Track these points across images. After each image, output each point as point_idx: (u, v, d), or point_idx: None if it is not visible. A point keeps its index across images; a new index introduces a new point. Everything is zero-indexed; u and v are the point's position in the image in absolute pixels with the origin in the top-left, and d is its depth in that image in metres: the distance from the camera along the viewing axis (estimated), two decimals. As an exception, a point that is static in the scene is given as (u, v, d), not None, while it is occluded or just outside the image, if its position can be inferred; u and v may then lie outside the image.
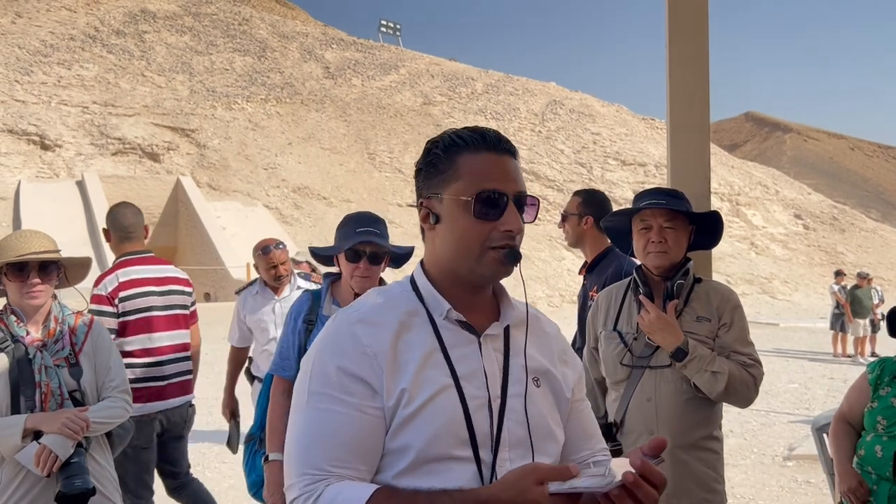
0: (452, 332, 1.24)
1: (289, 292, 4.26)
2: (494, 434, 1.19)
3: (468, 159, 1.23)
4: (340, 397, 1.15)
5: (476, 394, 1.20)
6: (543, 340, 1.35)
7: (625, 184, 31.62)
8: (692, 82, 2.73)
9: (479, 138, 1.24)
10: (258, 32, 40.23)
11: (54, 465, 2.19)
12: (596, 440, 1.40)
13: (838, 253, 30.95)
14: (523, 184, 1.26)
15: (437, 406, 1.16)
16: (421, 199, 1.28)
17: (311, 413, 1.17)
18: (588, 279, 3.22)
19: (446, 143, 1.25)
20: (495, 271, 1.23)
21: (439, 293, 1.26)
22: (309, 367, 1.21)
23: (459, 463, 1.16)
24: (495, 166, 1.23)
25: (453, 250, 1.23)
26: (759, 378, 2.29)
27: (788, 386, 10.27)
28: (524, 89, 39.16)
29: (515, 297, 1.35)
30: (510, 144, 1.27)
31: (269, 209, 27.31)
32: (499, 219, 1.21)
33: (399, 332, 1.20)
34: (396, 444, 1.16)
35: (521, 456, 1.21)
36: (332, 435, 1.14)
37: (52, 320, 2.41)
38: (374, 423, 1.16)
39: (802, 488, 5.65)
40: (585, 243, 3.25)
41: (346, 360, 1.17)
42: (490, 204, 1.21)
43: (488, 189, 1.20)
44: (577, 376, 1.38)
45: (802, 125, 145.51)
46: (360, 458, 1.15)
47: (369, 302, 1.27)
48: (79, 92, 31.32)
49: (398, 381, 1.17)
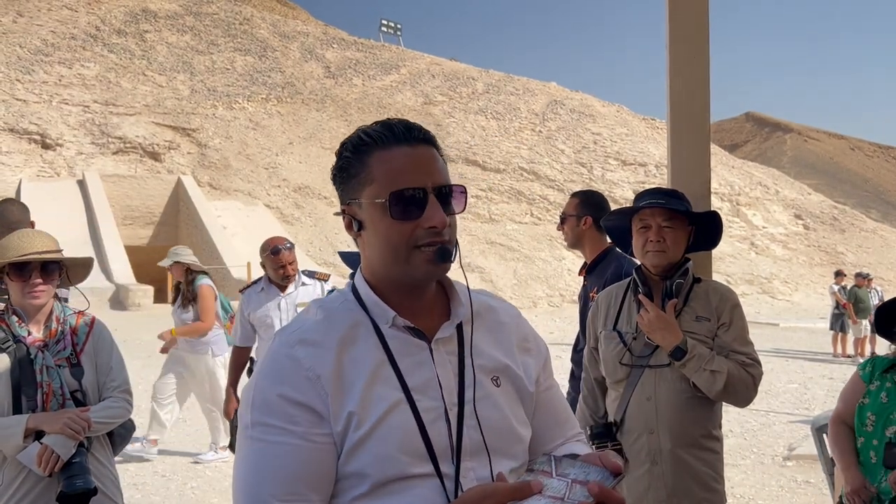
0: (400, 340, 1.16)
1: (293, 289, 4.33)
2: (454, 445, 1.13)
3: (379, 157, 1.14)
4: (285, 427, 1.07)
5: (431, 405, 1.13)
6: (500, 333, 1.26)
7: (625, 184, 31.60)
8: (692, 82, 2.74)
9: (387, 132, 1.15)
10: (259, 32, 40.22)
11: (56, 465, 2.20)
12: (569, 426, 1.33)
13: (838, 253, 30.93)
14: (444, 173, 1.17)
15: (389, 425, 1.09)
16: (343, 206, 1.20)
17: (255, 445, 1.09)
18: (588, 280, 3.23)
19: (355, 143, 1.17)
20: (427, 272, 1.14)
21: (382, 300, 1.17)
22: (250, 397, 1.12)
23: (421, 480, 1.10)
24: (408, 160, 1.14)
25: (381, 256, 1.16)
26: (759, 377, 2.30)
27: (788, 386, 10.27)
28: (525, 89, 39.14)
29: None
30: (423, 132, 1.17)
31: (270, 209, 27.31)
32: (420, 216, 1.12)
33: (342, 348, 1.13)
34: (350, 468, 1.09)
35: (484, 464, 1.14)
36: (279, 468, 1.07)
37: (53, 320, 2.41)
38: (323, 451, 1.09)
39: (802, 488, 5.65)
40: (584, 244, 3.25)
41: (288, 386, 1.09)
42: (407, 202, 1.12)
43: (402, 187, 1.12)
44: (540, 363, 1.29)
45: (803, 125, 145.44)
46: (312, 488, 1.08)
47: (309, 319, 1.18)
48: (80, 91, 31.31)
49: (345, 403, 1.09)
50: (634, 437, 2.33)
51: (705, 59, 2.75)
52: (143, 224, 26.33)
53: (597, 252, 3.20)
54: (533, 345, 1.31)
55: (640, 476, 2.31)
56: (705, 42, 2.76)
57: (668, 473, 2.28)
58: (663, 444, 2.29)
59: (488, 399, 1.18)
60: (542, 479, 1.05)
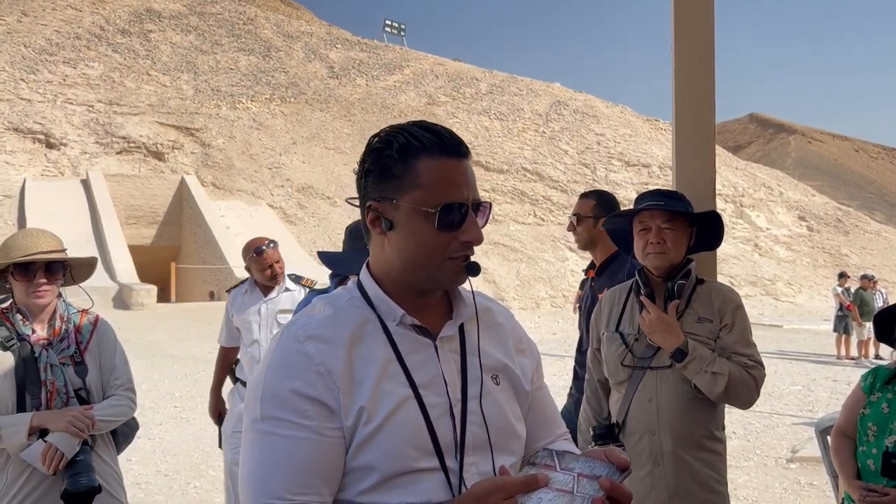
0: (407, 337, 1.19)
1: (276, 294, 4.14)
2: (458, 440, 1.16)
3: (427, 165, 1.15)
4: (297, 421, 1.09)
5: (437, 401, 1.16)
6: (498, 333, 1.30)
7: (629, 185, 31.56)
8: (698, 84, 2.73)
9: (437, 140, 1.17)
10: (263, 32, 40.26)
11: (60, 463, 2.20)
12: (557, 425, 1.37)
13: (842, 255, 30.87)
14: (477, 189, 1.21)
15: (398, 420, 1.12)
16: (369, 201, 1.20)
17: (266, 439, 1.10)
18: (597, 281, 3.21)
19: (401, 144, 1.17)
20: (454, 281, 1.19)
21: (390, 298, 1.20)
22: (259, 391, 1.13)
23: (426, 474, 1.13)
24: (456, 174, 1.17)
25: (409, 259, 1.18)
26: (761, 379, 2.29)
27: (792, 388, 10.25)
28: (528, 90, 39.13)
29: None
30: (465, 146, 1.20)
31: (273, 208, 27.34)
32: (458, 229, 1.16)
33: (352, 345, 1.15)
34: (358, 462, 1.12)
35: (485, 459, 1.18)
36: (291, 461, 1.09)
37: (57, 319, 2.42)
38: (334, 446, 1.11)
39: (806, 490, 5.64)
40: (598, 246, 3.23)
41: (300, 381, 1.11)
42: (454, 215, 1.16)
43: (452, 200, 1.15)
44: (534, 364, 1.34)
45: (807, 127, 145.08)
46: (322, 482, 1.10)
47: (317, 315, 1.20)
48: (84, 91, 31.38)
49: (356, 398, 1.12)
50: (636, 439, 2.33)
51: (711, 60, 2.75)
52: (147, 224, 26.38)
53: (608, 253, 3.19)
54: (527, 346, 1.35)
55: (642, 478, 2.31)
56: (711, 43, 2.76)
57: (669, 475, 2.28)
58: (665, 446, 2.29)
59: (489, 396, 1.22)
60: (547, 472, 1.07)
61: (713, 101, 2.76)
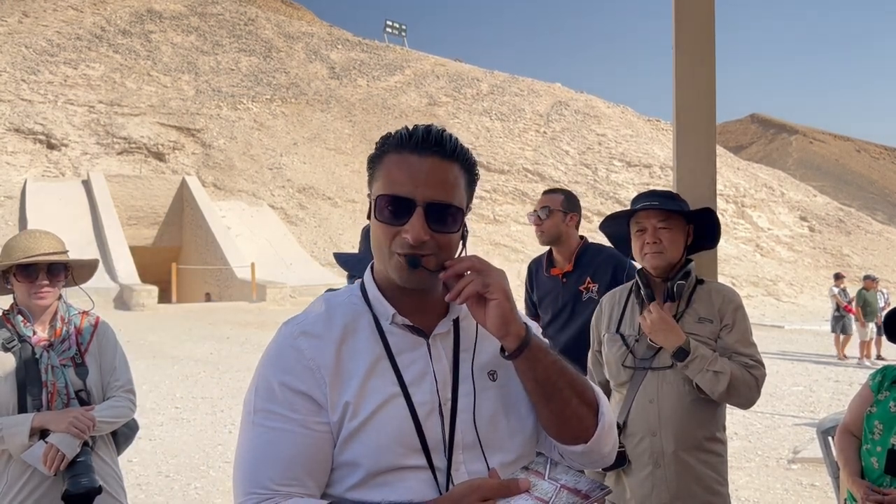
0: (399, 336, 1.19)
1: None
2: (447, 439, 1.16)
3: (390, 159, 1.18)
4: (285, 414, 1.12)
5: (425, 399, 1.16)
6: None
7: (630, 185, 31.56)
8: (699, 84, 2.73)
9: (406, 137, 1.17)
10: (264, 32, 40.30)
11: (61, 464, 2.21)
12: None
13: (844, 255, 30.86)
14: (448, 189, 1.16)
15: (383, 417, 1.12)
16: (368, 196, 1.26)
17: (256, 430, 1.14)
18: (577, 271, 3.25)
19: (381, 140, 1.21)
20: (401, 277, 1.17)
21: (385, 297, 1.21)
22: (254, 384, 1.18)
23: (413, 472, 1.13)
24: (410, 169, 1.15)
25: (374, 250, 1.22)
26: (761, 379, 2.29)
27: (793, 388, 10.24)
28: (529, 90, 39.15)
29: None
30: (442, 145, 1.16)
31: (274, 209, 27.35)
32: (402, 225, 1.15)
33: (342, 340, 1.17)
34: (345, 457, 1.13)
35: (476, 458, 1.17)
36: (277, 452, 1.11)
37: (58, 320, 2.42)
38: (320, 440, 1.13)
39: (807, 491, 5.64)
40: (564, 240, 3.29)
41: (290, 375, 1.14)
42: (393, 208, 1.15)
43: (391, 192, 1.15)
44: None
45: (808, 127, 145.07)
46: (308, 474, 1.12)
47: (313, 312, 1.22)
48: (85, 91, 31.41)
49: (342, 393, 1.13)
50: (637, 440, 2.33)
51: (712, 60, 2.75)
52: (148, 224, 26.39)
53: (574, 246, 3.29)
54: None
55: (643, 479, 2.30)
56: (712, 44, 2.76)
57: (670, 476, 2.28)
58: (666, 447, 2.28)
59: (483, 393, 1.20)
60: (534, 479, 1.07)
61: (714, 101, 2.75)
